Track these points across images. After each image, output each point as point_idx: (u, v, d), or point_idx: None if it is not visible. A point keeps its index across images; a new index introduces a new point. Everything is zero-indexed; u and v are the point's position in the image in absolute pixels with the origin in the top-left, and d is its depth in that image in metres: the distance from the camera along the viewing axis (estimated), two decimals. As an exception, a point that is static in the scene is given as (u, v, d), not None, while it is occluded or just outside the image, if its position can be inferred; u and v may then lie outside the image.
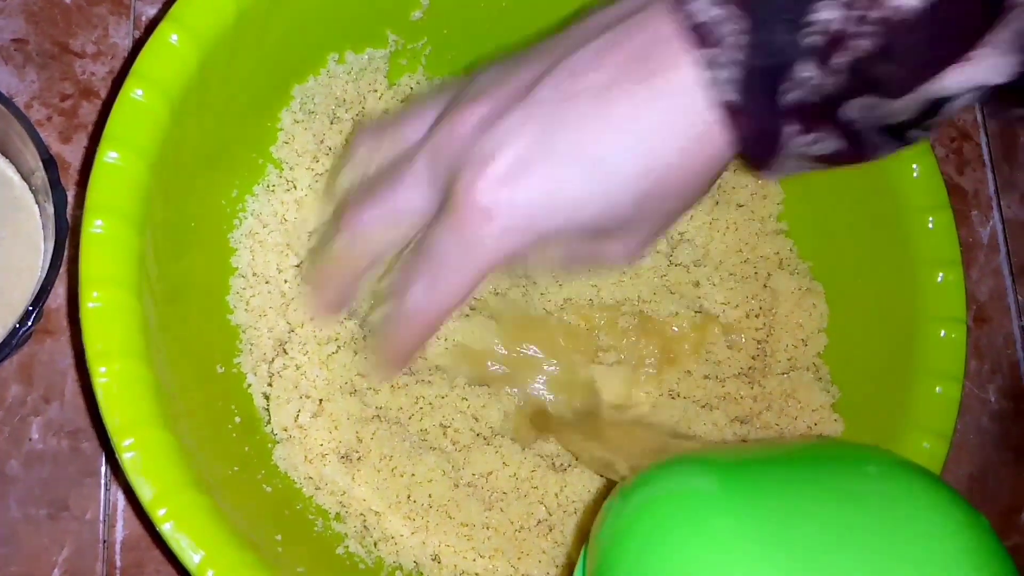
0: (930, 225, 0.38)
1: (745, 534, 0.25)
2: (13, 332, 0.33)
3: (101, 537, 0.38)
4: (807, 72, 0.24)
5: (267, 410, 0.37)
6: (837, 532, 0.25)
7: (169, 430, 0.28)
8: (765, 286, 0.42)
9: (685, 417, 0.40)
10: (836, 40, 0.23)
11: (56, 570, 0.37)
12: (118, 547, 0.38)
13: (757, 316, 0.42)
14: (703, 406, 0.40)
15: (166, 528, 0.28)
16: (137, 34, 0.42)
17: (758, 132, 0.25)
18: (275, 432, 0.37)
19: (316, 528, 0.36)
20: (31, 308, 0.33)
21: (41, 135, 0.33)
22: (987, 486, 0.47)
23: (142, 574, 0.38)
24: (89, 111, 0.41)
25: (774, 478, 0.28)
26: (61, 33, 0.41)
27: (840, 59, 0.24)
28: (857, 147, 0.26)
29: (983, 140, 0.52)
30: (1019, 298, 0.51)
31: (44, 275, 0.35)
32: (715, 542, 0.25)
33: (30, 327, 0.33)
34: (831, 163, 0.26)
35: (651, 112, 0.25)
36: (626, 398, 0.40)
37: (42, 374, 0.39)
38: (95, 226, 0.29)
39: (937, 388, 0.37)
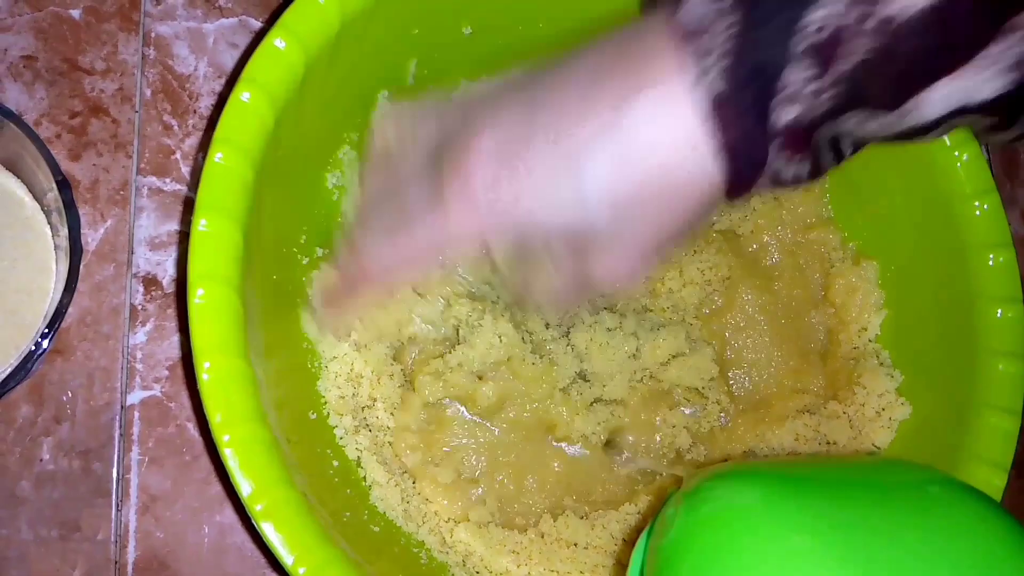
0: (978, 211, 0.39)
1: (822, 553, 0.25)
2: (29, 356, 0.33)
3: (113, 558, 0.38)
4: (801, 75, 0.23)
5: (359, 462, 0.38)
6: (905, 555, 0.25)
7: (293, 487, 0.29)
8: (817, 275, 0.43)
9: None
10: (834, 40, 0.23)
11: (68, 592, 0.37)
12: (130, 568, 0.38)
13: (816, 307, 0.43)
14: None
15: None
16: (146, 51, 0.42)
17: (744, 138, 0.24)
18: (368, 481, 0.38)
19: (422, 560, 0.37)
20: (47, 330, 0.33)
21: (51, 152, 0.33)
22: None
23: (154, 595, 0.38)
24: (98, 128, 0.41)
25: (843, 496, 0.27)
26: (70, 50, 0.41)
27: (838, 63, 0.23)
28: (815, 169, 0.26)
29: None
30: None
31: (57, 297, 0.35)
32: (791, 560, 0.25)
33: (45, 349, 0.33)
34: (791, 184, 0.26)
35: (633, 118, 0.25)
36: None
37: (52, 395, 0.39)
38: (201, 224, 0.30)
39: (1000, 366, 0.38)
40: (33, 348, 0.33)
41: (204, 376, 0.29)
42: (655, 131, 0.25)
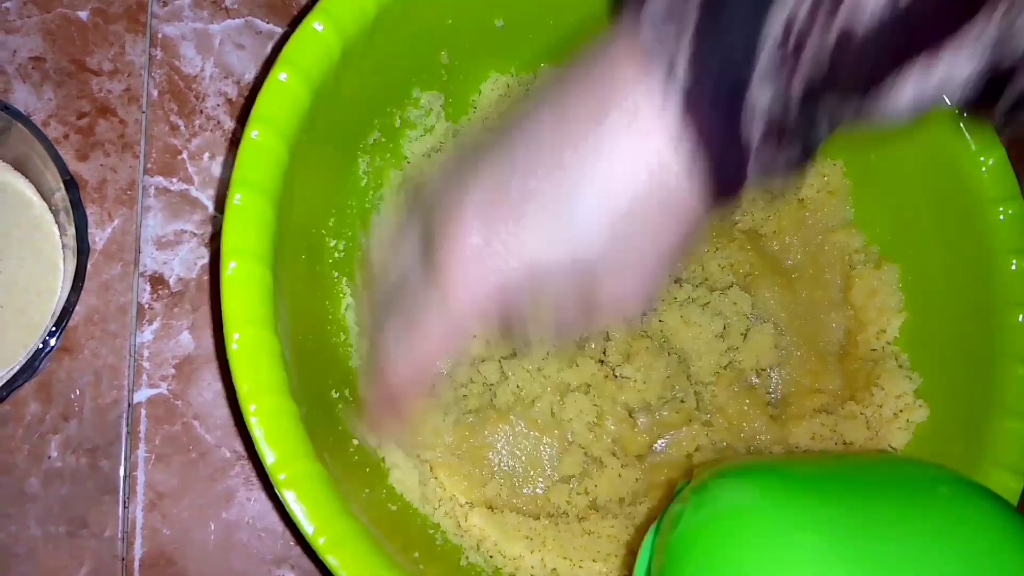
0: (1002, 216, 0.39)
1: (828, 551, 0.25)
2: (36, 354, 0.33)
3: (120, 555, 0.38)
4: (769, 66, 0.23)
5: (379, 445, 0.38)
6: (914, 554, 0.25)
7: (316, 459, 0.30)
8: (838, 277, 0.43)
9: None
10: (800, 33, 0.22)
11: (75, 588, 0.38)
12: (137, 565, 0.38)
13: (835, 308, 0.43)
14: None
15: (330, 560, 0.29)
16: (153, 52, 0.42)
17: (719, 136, 0.24)
18: (388, 463, 0.38)
19: (437, 542, 0.37)
20: (55, 328, 0.33)
21: (58, 153, 0.34)
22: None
23: (160, 591, 0.38)
24: (106, 128, 0.41)
25: (851, 495, 0.27)
26: (78, 51, 0.42)
27: (803, 53, 0.23)
28: (805, 150, 0.25)
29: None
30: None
31: (64, 295, 0.35)
32: (797, 558, 0.25)
33: (53, 347, 0.34)
34: (787, 170, 0.26)
35: (609, 142, 0.25)
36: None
37: (60, 392, 0.39)
38: (235, 199, 0.31)
39: (1019, 371, 0.38)
40: (41, 346, 0.33)
41: (233, 346, 0.30)
42: (632, 149, 0.25)
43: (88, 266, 0.38)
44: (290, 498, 0.29)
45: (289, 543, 0.40)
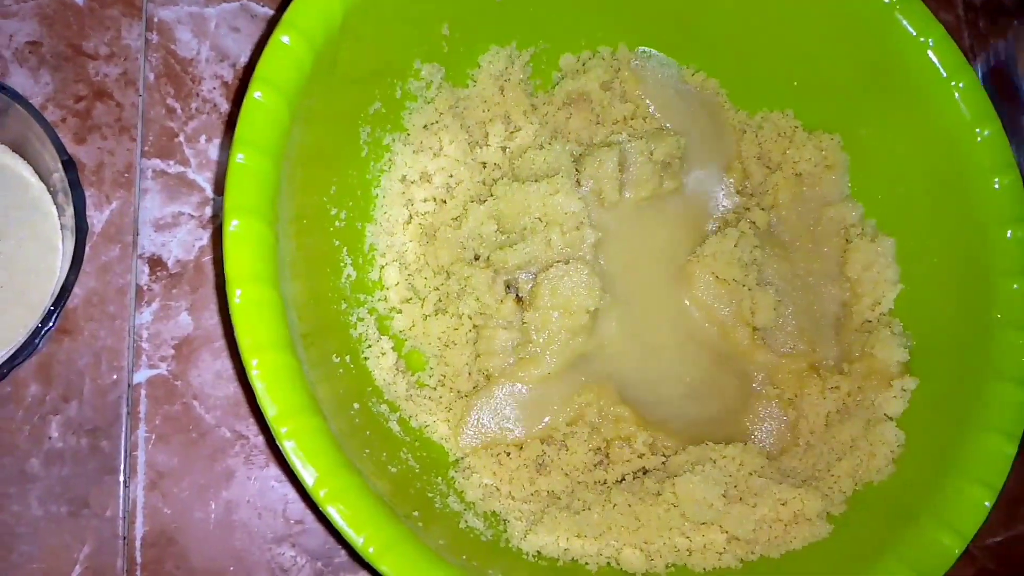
0: (997, 185, 0.39)
1: None
2: (36, 332, 0.33)
3: (121, 534, 0.38)
4: None
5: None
6: None
7: (317, 414, 0.31)
8: (835, 251, 0.44)
9: None
10: None
11: (77, 567, 0.38)
12: (138, 543, 0.39)
13: (832, 281, 0.43)
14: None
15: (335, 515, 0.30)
16: (149, 35, 0.42)
17: None
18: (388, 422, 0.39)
19: (436, 505, 0.37)
20: (53, 308, 0.33)
21: (56, 134, 0.34)
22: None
23: (162, 570, 0.39)
24: (103, 112, 0.41)
25: None
26: (74, 35, 0.42)
27: None
28: None
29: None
30: None
31: (63, 275, 0.35)
32: None
33: (52, 327, 0.34)
34: None
35: None
36: None
37: (60, 373, 0.39)
38: (238, 158, 0.31)
39: (1014, 338, 0.38)
40: (40, 325, 0.33)
41: (236, 301, 0.30)
42: None
43: (87, 248, 0.39)
44: (290, 448, 0.30)
45: (290, 521, 0.40)
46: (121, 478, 0.39)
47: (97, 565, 0.38)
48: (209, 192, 0.42)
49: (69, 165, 0.34)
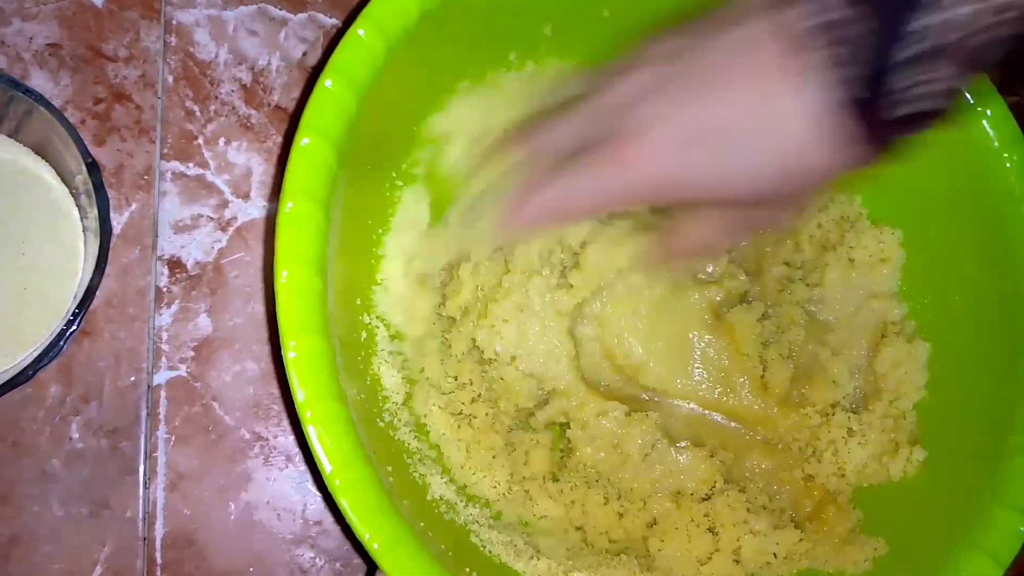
0: None
1: None
2: (60, 334, 0.33)
3: (141, 535, 0.39)
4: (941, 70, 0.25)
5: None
6: None
7: (343, 403, 0.31)
8: (867, 343, 0.43)
9: None
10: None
11: (98, 567, 0.38)
12: (158, 544, 0.39)
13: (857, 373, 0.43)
14: None
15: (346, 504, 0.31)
16: (167, 38, 0.43)
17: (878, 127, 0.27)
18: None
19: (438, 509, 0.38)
20: (77, 310, 0.34)
21: (80, 136, 0.34)
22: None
23: (182, 571, 0.39)
24: (122, 114, 0.42)
25: None
26: (94, 37, 0.42)
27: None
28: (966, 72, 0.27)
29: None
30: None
31: (86, 278, 0.35)
32: None
33: (76, 329, 0.34)
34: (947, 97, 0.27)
35: (776, 120, 0.28)
36: None
37: (81, 375, 0.39)
38: (302, 142, 0.32)
39: None
40: (64, 327, 0.33)
41: (282, 281, 0.31)
42: (795, 129, 0.28)
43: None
44: (313, 434, 0.30)
45: (309, 522, 0.40)
46: (141, 479, 0.39)
47: (117, 566, 0.38)
48: (228, 194, 0.42)
49: (93, 168, 0.34)
